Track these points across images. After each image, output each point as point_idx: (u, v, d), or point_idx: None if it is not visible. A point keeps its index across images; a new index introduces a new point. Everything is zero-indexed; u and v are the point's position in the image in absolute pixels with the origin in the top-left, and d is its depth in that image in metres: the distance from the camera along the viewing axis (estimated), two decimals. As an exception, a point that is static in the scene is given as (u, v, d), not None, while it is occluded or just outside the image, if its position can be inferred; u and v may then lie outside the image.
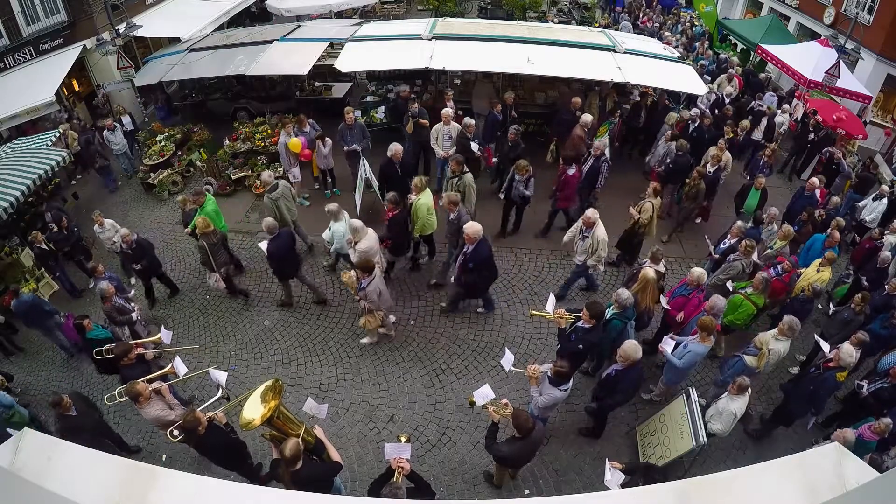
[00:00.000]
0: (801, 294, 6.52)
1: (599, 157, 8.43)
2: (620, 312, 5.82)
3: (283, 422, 4.31)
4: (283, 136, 9.04)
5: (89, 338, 6.00)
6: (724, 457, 6.04)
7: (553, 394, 4.94)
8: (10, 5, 10.54)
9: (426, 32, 10.70)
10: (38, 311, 7.00)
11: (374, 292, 6.27)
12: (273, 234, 6.86)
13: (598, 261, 7.02)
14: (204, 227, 6.95)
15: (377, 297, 6.33)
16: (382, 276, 6.70)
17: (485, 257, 6.60)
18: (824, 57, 11.88)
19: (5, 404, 5.62)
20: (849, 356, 5.38)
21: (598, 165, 8.43)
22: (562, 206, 8.53)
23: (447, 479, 5.78)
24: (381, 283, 6.45)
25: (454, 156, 8.01)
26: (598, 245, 6.87)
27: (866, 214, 9.03)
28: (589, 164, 8.49)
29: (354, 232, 6.67)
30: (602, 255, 6.96)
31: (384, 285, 6.61)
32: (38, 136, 9.74)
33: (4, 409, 5.61)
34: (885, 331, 6.42)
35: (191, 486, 2.50)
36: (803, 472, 2.41)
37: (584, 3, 20.49)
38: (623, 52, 10.25)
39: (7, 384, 6.68)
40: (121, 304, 6.53)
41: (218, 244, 7.25)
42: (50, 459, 2.36)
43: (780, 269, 6.76)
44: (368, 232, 6.69)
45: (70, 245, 8.47)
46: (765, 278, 6.32)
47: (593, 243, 6.90)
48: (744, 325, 6.52)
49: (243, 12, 16.16)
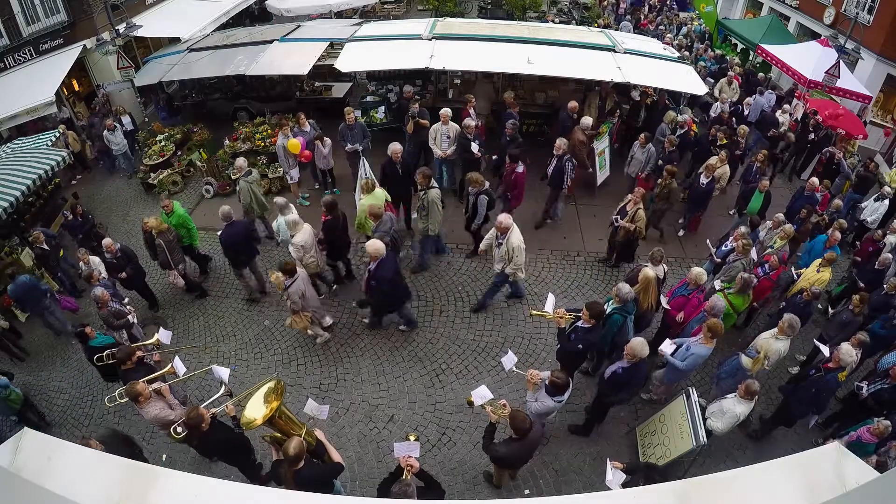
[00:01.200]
0: (800, 297, 6.48)
1: (563, 156, 8.24)
2: (621, 307, 5.82)
3: (285, 422, 4.32)
4: (281, 138, 9.04)
5: (92, 346, 5.98)
6: (724, 457, 6.04)
7: (546, 403, 4.89)
8: (10, 5, 10.54)
9: (426, 32, 10.70)
10: (35, 293, 7.17)
11: (296, 293, 6.30)
12: (228, 221, 7.01)
13: (515, 269, 6.69)
14: (158, 225, 7.12)
15: (299, 297, 6.35)
16: (308, 278, 6.63)
17: (387, 276, 6.28)
18: (824, 57, 11.89)
19: (1, 384, 6.09)
20: (848, 356, 5.37)
21: (563, 165, 8.26)
22: (514, 206, 8.31)
23: (447, 479, 5.78)
24: (304, 284, 6.40)
25: (421, 168, 7.76)
26: (514, 252, 6.51)
27: (867, 215, 9.03)
28: (553, 165, 8.34)
29: (291, 226, 6.84)
30: (519, 263, 6.63)
31: (310, 287, 6.57)
32: (38, 136, 9.74)
33: (1, 387, 6.05)
34: (885, 331, 6.42)
35: (191, 486, 2.50)
36: (803, 472, 2.41)
37: (584, 3, 20.48)
38: (623, 52, 10.25)
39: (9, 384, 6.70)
40: (117, 308, 6.47)
41: (173, 242, 7.40)
42: (50, 459, 2.36)
43: (768, 267, 6.73)
44: (305, 227, 6.86)
45: (83, 232, 8.62)
46: (744, 278, 6.21)
47: (508, 251, 6.55)
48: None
49: (243, 12, 16.16)
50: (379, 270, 6.27)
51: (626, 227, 7.44)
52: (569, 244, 8.94)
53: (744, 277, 6.23)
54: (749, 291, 6.34)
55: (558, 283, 8.23)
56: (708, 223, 9.29)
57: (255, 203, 8.13)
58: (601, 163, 9.79)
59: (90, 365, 6.51)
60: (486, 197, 7.49)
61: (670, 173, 8.24)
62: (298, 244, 6.78)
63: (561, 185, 8.49)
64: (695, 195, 8.69)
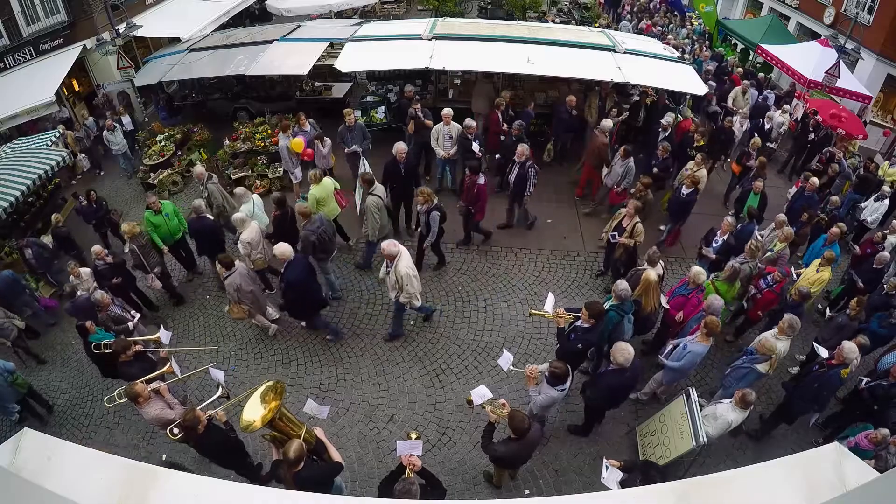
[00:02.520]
0: (790, 298, 6.46)
1: (525, 162, 7.97)
2: (618, 305, 5.82)
3: (285, 423, 4.30)
4: (283, 139, 9.03)
5: (92, 341, 5.97)
6: (724, 457, 6.03)
7: (550, 393, 4.95)
8: (10, 5, 10.56)
9: (426, 32, 10.70)
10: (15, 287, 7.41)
11: (231, 286, 6.45)
12: (199, 214, 7.34)
13: (408, 298, 6.31)
14: (131, 230, 7.21)
15: (234, 290, 6.48)
16: (248, 273, 6.69)
17: (295, 279, 6.24)
18: (824, 57, 11.89)
19: (8, 369, 6.26)
20: (851, 353, 5.38)
21: (525, 172, 8.01)
22: (479, 220, 8.13)
23: (447, 479, 5.77)
24: (241, 279, 6.47)
25: (364, 172, 7.76)
26: (402, 280, 6.15)
27: (867, 215, 9.02)
28: (515, 172, 8.09)
29: (238, 223, 7.04)
30: (411, 291, 6.23)
31: (247, 282, 6.60)
32: (38, 136, 9.75)
33: (8, 373, 6.23)
34: (883, 330, 6.42)
35: (191, 486, 2.50)
36: (803, 472, 2.41)
37: (584, 3, 20.49)
38: (623, 52, 10.25)
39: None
40: (117, 313, 6.43)
41: (147, 245, 7.48)
42: (50, 459, 2.36)
43: (771, 280, 6.62)
44: (252, 224, 7.08)
45: (97, 218, 8.74)
46: (734, 267, 6.24)
47: (397, 279, 6.20)
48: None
49: (243, 12, 16.16)
50: (286, 273, 6.30)
51: (626, 243, 7.18)
52: (569, 244, 8.94)
53: (734, 266, 6.26)
54: (736, 281, 6.34)
55: (558, 283, 8.23)
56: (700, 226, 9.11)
57: (226, 202, 8.16)
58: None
59: (90, 364, 6.54)
60: (438, 213, 7.19)
61: (645, 184, 7.89)
62: (245, 241, 6.99)
63: (523, 191, 8.24)
64: (675, 206, 8.21)
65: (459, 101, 10.95)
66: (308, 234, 6.90)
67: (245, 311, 6.78)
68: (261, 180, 9.99)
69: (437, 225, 7.27)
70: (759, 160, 8.93)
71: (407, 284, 6.16)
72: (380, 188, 7.50)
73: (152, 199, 7.60)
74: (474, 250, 8.74)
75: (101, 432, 6.51)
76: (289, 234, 7.36)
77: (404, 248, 6.31)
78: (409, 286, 6.18)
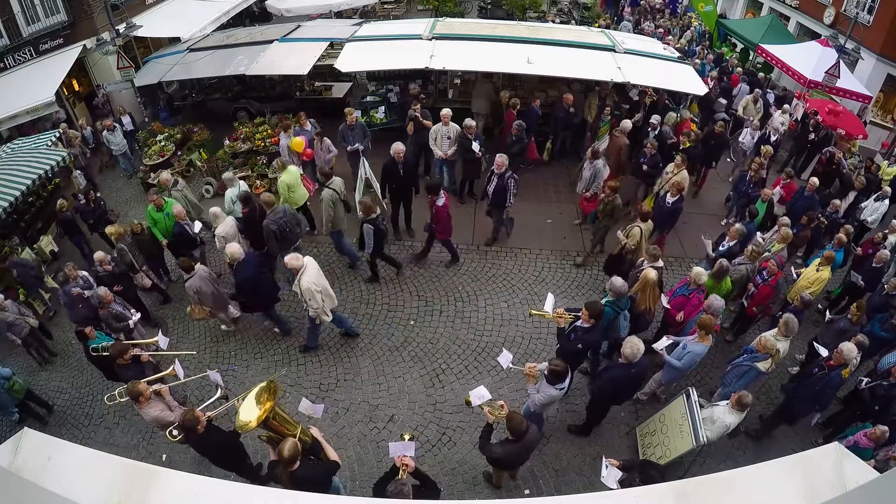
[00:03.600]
0: (792, 305, 6.46)
1: (504, 173, 7.72)
2: (613, 301, 5.82)
3: (280, 423, 4.26)
4: (284, 139, 9.02)
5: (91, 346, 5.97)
6: (724, 457, 6.04)
7: (549, 392, 4.95)
8: (10, 5, 10.55)
9: (426, 32, 10.70)
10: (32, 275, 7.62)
11: (191, 289, 6.56)
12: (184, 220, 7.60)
13: (315, 313, 6.22)
14: (115, 231, 7.32)
15: (193, 293, 6.59)
16: (208, 276, 6.71)
17: (243, 279, 6.36)
18: (824, 57, 11.88)
19: (4, 376, 6.28)
20: (850, 353, 5.38)
21: (504, 183, 7.77)
22: (440, 238, 7.94)
23: (447, 479, 5.78)
24: (200, 282, 6.54)
25: (320, 166, 7.80)
26: (305, 295, 6.02)
27: (867, 215, 9.01)
28: (494, 183, 7.84)
29: (214, 217, 7.24)
30: (316, 306, 6.12)
31: (207, 285, 6.64)
32: (38, 135, 9.74)
33: (4, 379, 6.25)
34: (885, 333, 6.40)
35: (191, 486, 2.50)
36: (803, 472, 2.42)
37: (584, 3, 20.49)
38: (623, 52, 10.25)
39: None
40: (119, 310, 6.45)
41: (133, 245, 7.58)
42: (50, 459, 2.36)
43: (766, 274, 6.65)
44: (228, 219, 7.24)
45: (95, 217, 8.72)
46: (722, 264, 6.29)
47: (300, 293, 6.07)
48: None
49: (243, 12, 16.16)
50: (236, 272, 6.40)
51: (619, 237, 7.17)
52: (569, 244, 8.94)
53: (722, 263, 6.31)
54: (725, 279, 6.37)
55: (558, 283, 8.23)
56: (702, 227, 9.03)
57: (190, 208, 8.31)
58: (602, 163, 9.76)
59: (90, 365, 6.54)
60: (372, 227, 7.00)
61: (612, 188, 7.66)
62: (220, 235, 7.12)
63: (504, 203, 8.01)
64: (660, 215, 7.83)
65: (459, 101, 10.96)
66: (269, 223, 7.06)
67: (206, 311, 6.92)
68: (261, 180, 9.99)
69: (370, 239, 7.11)
70: (755, 162, 8.91)
71: (310, 299, 6.05)
72: (337, 182, 7.63)
73: (155, 195, 7.63)
74: (474, 250, 8.74)
75: (101, 432, 6.51)
76: (258, 231, 7.53)
77: (311, 262, 6.15)
78: (312, 301, 6.06)
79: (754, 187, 8.63)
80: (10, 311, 6.86)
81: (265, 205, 7.25)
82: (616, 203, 7.69)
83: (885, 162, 10.52)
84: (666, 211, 7.82)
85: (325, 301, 6.22)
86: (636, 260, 6.89)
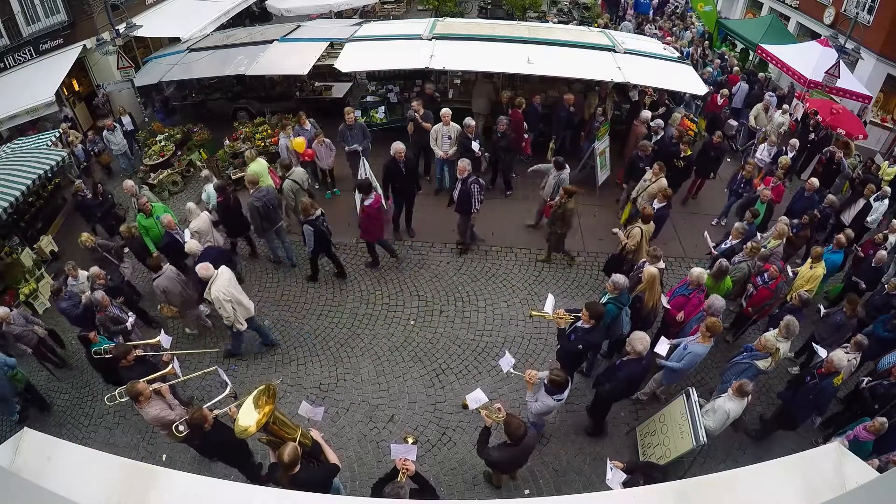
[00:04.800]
0: (790, 304, 6.46)
1: (467, 178, 7.55)
2: (615, 298, 5.82)
3: (280, 426, 4.23)
4: (283, 139, 9.01)
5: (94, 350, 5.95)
6: (724, 457, 6.04)
7: (547, 402, 4.90)
8: (10, 5, 10.55)
9: (426, 32, 10.70)
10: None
11: (158, 288, 6.62)
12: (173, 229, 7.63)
13: (228, 323, 6.19)
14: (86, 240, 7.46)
15: (161, 292, 6.65)
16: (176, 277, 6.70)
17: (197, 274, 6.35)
18: (824, 57, 11.89)
19: (10, 364, 6.31)
20: (841, 362, 5.35)
21: (468, 188, 7.59)
22: (365, 237, 7.91)
23: (447, 479, 5.78)
24: (167, 281, 6.55)
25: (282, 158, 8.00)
26: (215, 304, 6.03)
27: (867, 215, 9.01)
28: (458, 189, 7.70)
29: (189, 212, 7.45)
30: (223, 315, 6.12)
31: (174, 285, 6.64)
32: (38, 135, 9.74)
33: (9, 367, 6.28)
34: (888, 334, 6.39)
35: (191, 486, 2.50)
36: (803, 472, 2.41)
37: (584, 3, 20.48)
38: (623, 52, 10.25)
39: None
40: (116, 314, 6.39)
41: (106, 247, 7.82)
42: (50, 459, 2.36)
43: (767, 277, 6.65)
44: (202, 215, 7.45)
45: (102, 212, 8.86)
46: (721, 264, 6.32)
47: (211, 300, 6.05)
48: None
49: (243, 12, 16.16)
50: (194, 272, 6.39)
51: (619, 236, 7.14)
52: (569, 244, 8.90)
53: (721, 263, 6.33)
54: (724, 278, 6.37)
55: (558, 283, 8.23)
56: (699, 227, 9.08)
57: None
58: (602, 163, 9.78)
59: (90, 365, 6.53)
60: (312, 228, 7.08)
61: (568, 191, 7.44)
62: (193, 230, 7.26)
63: (469, 209, 7.83)
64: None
65: (459, 101, 10.96)
66: (254, 200, 7.37)
67: (175, 310, 7.03)
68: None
69: (311, 238, 7.17)
70: (748, 164, 8.92)
71: (219, 308, 6.07)
72: (297, 172, 8.13)
73: (143, 199, 7.59)
74: (475, 250, 8.73)
75: (101, 432, 6.51)
76: (233, 219, 7.86)
77: (225, 271, 6.18)
78: (222, 310, 6.08)
79: (745, 186, 8.68)
80: (16, 324, 6.63)
81: (249, 184, 7.57)
82: (568, 207, 7.49)
83: (886, 162, 10.52)
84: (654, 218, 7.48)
85: (238, 310, 6.25)
86: (637, 261, 6.88)
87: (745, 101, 12.21)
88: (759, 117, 11.09)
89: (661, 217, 7.74)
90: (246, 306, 6.45)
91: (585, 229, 9.24)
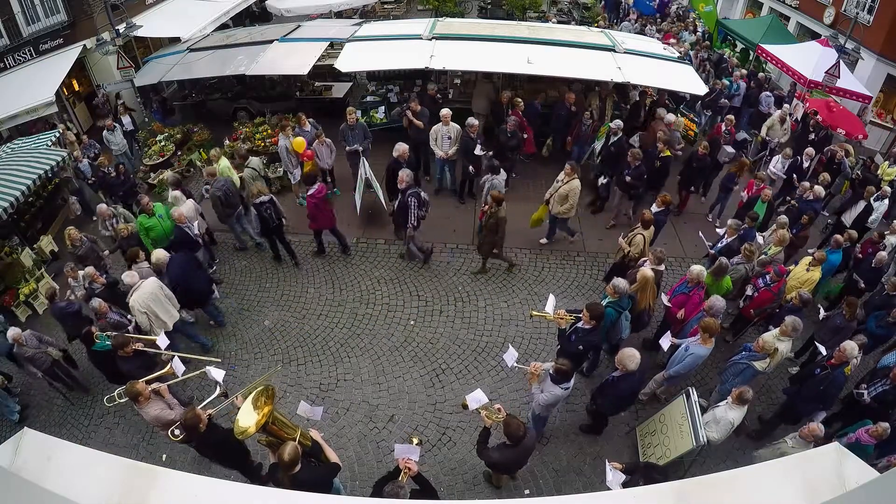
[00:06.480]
0: (789, 303, 6.45)
1: (406, 190, 7.36)
2: (615, 301, 5.82)
3: (279, 427, 4.23)
4: (283, 139, 9.02)
5: (95, 349, 5.91)
6: (724, 457, 6.03)
7: (554, 392, 4.94)
8: (10, 5, 10.55)
9: (426, 32, 10.70)
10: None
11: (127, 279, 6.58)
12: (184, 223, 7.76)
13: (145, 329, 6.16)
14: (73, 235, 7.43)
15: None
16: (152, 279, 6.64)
17: (175, 277, 6.54)
18: (824, 57, 11.89)
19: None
20: (853, 351, 5.39)
21: (406, 201, 7.37)
22: (312, 227, 8.10)
23: (447, 479, 5.79)
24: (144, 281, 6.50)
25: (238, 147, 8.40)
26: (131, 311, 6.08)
27: (869, 217, 8.99)
28: (397, 200, 7.57)
29: (174, 200, 7.70)
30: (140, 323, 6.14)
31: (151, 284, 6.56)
32: (38, 136, 9.73)
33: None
34: (880, 329, 6.43)
35: (191, 486, 2.50)
36: (803, 472, 2.41)
37: (584, 3, 20.49)
38: (623, 52, 10.25)
39: (7, 384, 6.68)
40: (116, 320, 6.32)
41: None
42: (50, 459, 2.36)
43: (769, 279, 6.65)
44: (188, 203, 7.74)
45: (124, 190, 9.16)
46: (721, 262, 6.33)
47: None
48: None
49: (243, 12, 16.16)
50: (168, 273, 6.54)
51: (621, 244, 7.12)
52: (569, 244, 8.94)
53: (721, 261, 6.34)
54: (724, 277, 6.37)
55: (558, 284, 8.24)
56: (699, 227, 9.02)
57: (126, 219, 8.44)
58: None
59: (89, 364, 6.54)
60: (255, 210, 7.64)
61: (496, 199, 7.16)
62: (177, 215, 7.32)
63: (406, 222, 7.61)
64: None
65: (459, 101, 10.96)
66: (215, 191, 7.83)
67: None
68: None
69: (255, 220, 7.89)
70: (740, 162, 8.91)
71: (135, 317, 6.12)
72: (254, 161, 8.74)
73: (145, 199, 7.56)
74: (474, 251, 8.72)
75: (100, 432, 6.51)
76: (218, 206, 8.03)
77: (149, 284, 6.16)
78: (136, 319, 6.12)
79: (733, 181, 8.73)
80: (28, 345, 6.28)
81: (208, 175, 8.11)
82: (499, 215, 7.18)
83: (886, 163, 10.52)
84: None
85: (154, 322, 6.24)
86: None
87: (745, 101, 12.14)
88: (773, 128, 10.56)
89: (659, 222, 7.73)
90: (164, 320, 6.37)
91: (586, 229, 9.24)
